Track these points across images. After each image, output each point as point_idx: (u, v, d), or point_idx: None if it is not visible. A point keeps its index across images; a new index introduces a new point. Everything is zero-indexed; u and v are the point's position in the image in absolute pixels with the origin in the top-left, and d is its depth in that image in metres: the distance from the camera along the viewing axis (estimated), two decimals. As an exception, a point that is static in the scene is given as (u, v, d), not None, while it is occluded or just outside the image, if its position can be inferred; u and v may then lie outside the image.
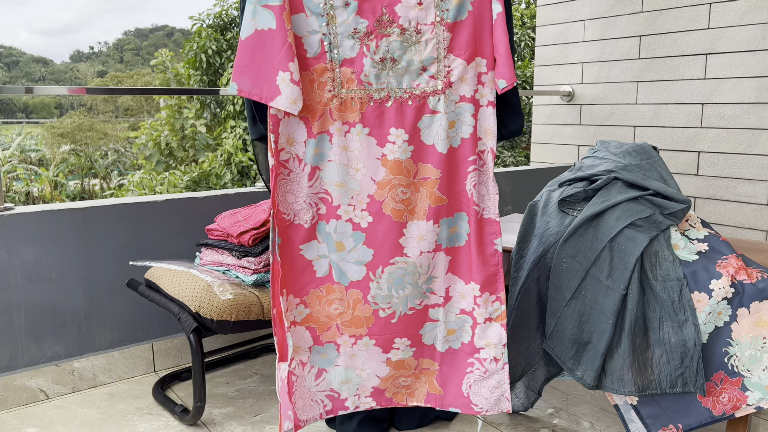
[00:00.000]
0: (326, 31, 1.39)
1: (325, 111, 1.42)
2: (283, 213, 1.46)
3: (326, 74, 1.40)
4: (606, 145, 1.90)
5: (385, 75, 1.42)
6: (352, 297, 1.51)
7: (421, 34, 1.41)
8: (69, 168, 18.48)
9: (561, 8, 3.84)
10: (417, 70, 1.43)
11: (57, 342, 2.13)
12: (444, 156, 1.46)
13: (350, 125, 1.43)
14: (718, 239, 1.58)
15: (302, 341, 1.54)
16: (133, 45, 62.31)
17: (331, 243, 1.48)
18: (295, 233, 1.48)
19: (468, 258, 1.53)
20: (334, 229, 1.47)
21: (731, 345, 1.45)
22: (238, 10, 10.88)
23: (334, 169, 1.44)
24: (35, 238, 2.06)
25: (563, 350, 1.60)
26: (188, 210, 2.35)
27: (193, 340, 1.77)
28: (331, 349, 1.55)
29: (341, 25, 1.39)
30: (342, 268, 1.49)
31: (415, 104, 1.44)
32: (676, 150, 3.33)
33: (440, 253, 1.52)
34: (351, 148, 1.44)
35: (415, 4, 1.40)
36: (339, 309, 1.52)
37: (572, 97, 3.83)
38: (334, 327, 1.54)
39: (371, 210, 1.47)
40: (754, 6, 2.97)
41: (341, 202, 1.46)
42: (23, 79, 52.72)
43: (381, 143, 1.44)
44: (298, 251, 1.49)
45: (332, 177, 1.44)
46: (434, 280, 1.54)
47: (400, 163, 1.45)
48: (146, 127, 13.21)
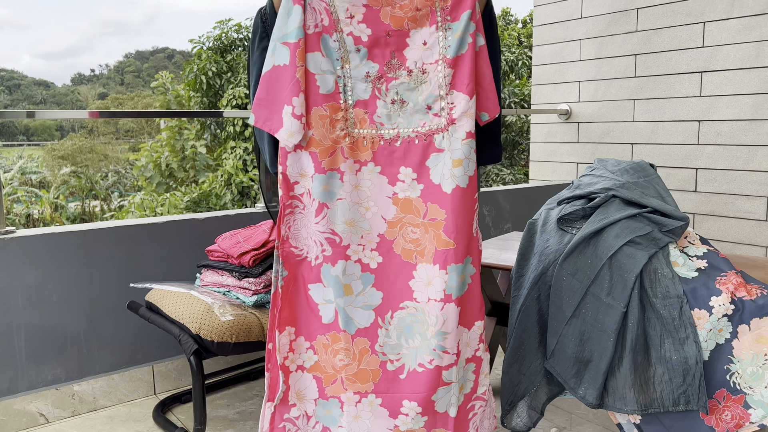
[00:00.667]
0: (341, 74, 1.42)
1: (336, 149, 1.41)
2: (293, 247, 1.44)
3: (339, 113, 1.42)
4: (603, 163, 1.92)
5: (395, 116, 1.43)
6: (358, 347, 1.43)
7: (427, 74, 1.41)
8: (69, 190, 18.51)
9: (557, 28, 3.89)
10: (423, 109, 1.42)
11: (57, 365, 2.13)
12: (449, 196, 1.40)
13: (362, 164, 1.42)
14: (717, 256, 1.58)
15: (308, 391, 1.46)
16: (134, 67, 62.81)
17: (338, 287, 1.42)
18: (306, 271, 1.44)
19: (472, 302, 1.47)
20: (343, 270, 1.42)
21: (733, 362, 1.45)
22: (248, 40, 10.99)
23: (344, 207, 1.41)
24: (36, 261, 2.07)
25: (565, 369, 1.59)
26: (189, 231, 2.36)
27: (193, 362, 1.77)
28: (335, 406, 1.46)
29: (354, 69, 1.42)
30: (349, 314, 1.42)
31: (421, 143, 1.42)
32: (674, 167, 3.35)
33: (451, 305, 1.41)
34: (362, 186, 1.43)
35: (420, 44, 1.40)
36: (344, 360, 1.43)
37: (570, 116, 3.86)
38: (339, 380, 1.45)
39: (381, 250, 1.43)
40: (747, 25, 3.00)
41: (351, 241, 1.42)
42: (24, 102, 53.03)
43: (392, 182, 1.43)
44: (306, 290, 1.45)
45: (342, 215, 1.41)
46: (446, 336, 1.41)
47: (410, 201, 1.42)
48: (147, 149, 13.27)
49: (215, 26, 13.24)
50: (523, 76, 14.80)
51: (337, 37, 1.41)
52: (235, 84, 12.58)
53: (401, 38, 1.41)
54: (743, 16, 3.02)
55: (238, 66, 12.89)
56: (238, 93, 12.20)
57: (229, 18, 13.35)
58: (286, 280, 1.44)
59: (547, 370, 1.68)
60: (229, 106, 12.22)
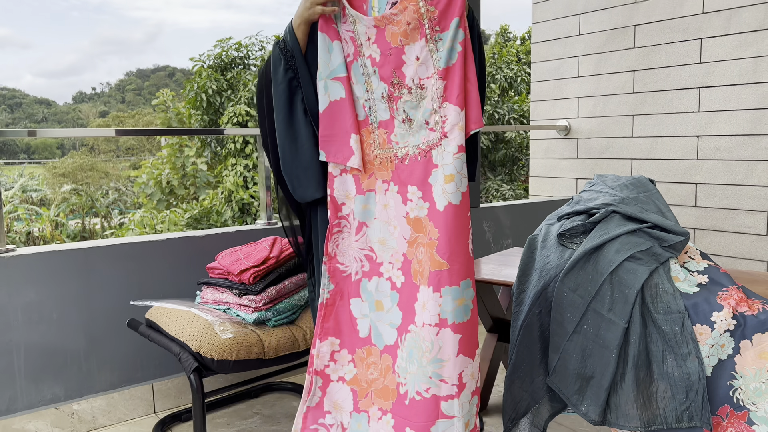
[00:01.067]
0: (367, 97, 1.46)
1: (372, 170, 1.46)
2: (339, 263, 1.49)
3: (370, 136, 1.46)
4: (603, 178, 1.92)
5: (407, 135, 1.44)
6: (384, 363, 1.44)
7: (425, 89, 1.40)
8: (70, 207, 18.53)
9: (555, 45, 3.92)
10: (423, 125, 1.42)
11: (56, 384, 2.11)
12: (441, 214, 1.36)
13: (387, 183, 1.46)
14: (718, 271, 1.58)
15: (345, 403, 1.49)
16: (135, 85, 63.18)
17: (371, 302, 1.46)
18: (348, 286, 1.49)
19: (475, 329, 1.41)
20: (376, 287, 1.46)
21: (735, 378, 1.44)
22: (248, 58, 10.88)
23: (378, 226, 1.45)
24: (36, 279, 2.06)
25: (567, 385, 1.58)
26: (189, 249, 2.36)
27: (193, 380, 1.76)
28: (364, 420, 1.46)
29: (375, 91, 1.45)
30: (379, 329, 1.45)
31: (422, 160, 1.41)
32: (674, 182, 3.35)
33: (446, 330, 1.35)
34: (390, 205, 1.45)
35: (414, 60, 1.41)
36: (374, 375, 1.45)
37: (569, 131, 3.88)
38: (369, 395, 1.46)
39: (404, 269, 1.44)
40: (743, 41, 3.03)
41: (383, 259, 1.45)
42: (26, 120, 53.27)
43: (404, 201, 1.44)
44: (348, 305, 1.49)
45: (376, 234, 1.45)
46: (442, 364, 1.35)
47: (420, 221, 1.41)
48: (147, 166, 13.31)
49: (216, 44, 13.33)
50: (522, 92, 14.88)
51: (361, 62, 1.45)
52: (236, 102, 12.65)
53: (398, 55, 1.42)
54: (739, 33, 3.04)
55: (239, 84, 12.96)
56: (238, 110, 12.26)
57: (229, 37, 13.45)
58: (332, 294, 1.49)
59: (549, 386, 1.67)
60: (229, 123, 12.28)
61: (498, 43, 16.68)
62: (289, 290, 2.04)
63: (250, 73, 13.17)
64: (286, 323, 2.00)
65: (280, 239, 2.14)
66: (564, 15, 3.85)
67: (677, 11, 3.27)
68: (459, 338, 1.36)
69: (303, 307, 2.08)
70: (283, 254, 2.05)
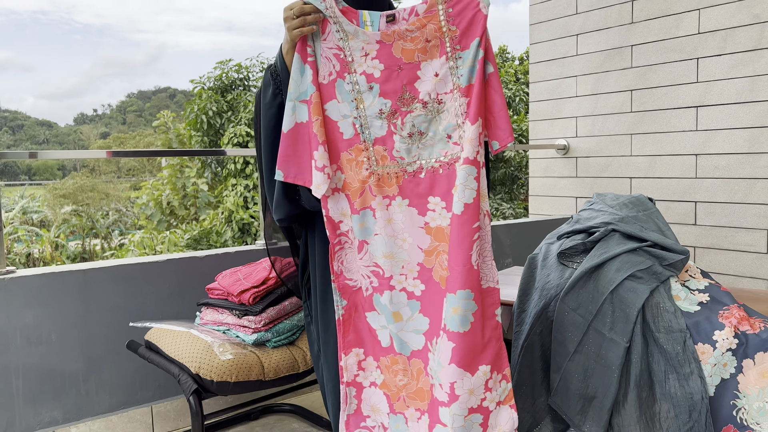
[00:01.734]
0: (356, 115, 1.45)
1: (365, 188, 1.46)
2: (347, 279, 1.50)
3: (362, 154, 1.46)
4: (602, 197, 1.93)
5: (415, 148, 1.45)
6: (415, 367, 1.46)
7: (443, 104, 1.42)
8: (70, 228, 18.53)
9: (553, 65, 3.95)
10: (443, 138, 1.43)
11: (55, 406, 2.10)
12: (448, 224, 1.41)
13: (391, 198, 1.46)
14: (718, 289, 1.58)
15: (381, 405, 1.51)
16: (136, 107, 63.58)
17: (388, 314, 1.46)
18: (361, 300, 1.50)
19: (475, 343, 1.38)
20: (390, 300, 1.46)
21: (739, 397, 1.43)
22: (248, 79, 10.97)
23: (381, 241, 1.45)
24: (36, 301, 2.06)
25: (569, 406, 1.57)
26: (189, 269, 2.36)
27: (192, 402, 1.74)
28: (401, 422, 1.48)
29: (369, 108, 1.45)
30: (402, 338, 1.46)
31: (445, 172, 1.43)
32: (673, 200, 3.36)
33: (443, 335, 1.37)
34: (395, 219, 1.46)
35: (432, 76, 1.42)
36: (404, 380, 1.47)
37: (567, 151, 3.89)
38: (402, 398, 1.49)
39: (423, 278, 1.45)
40: (740, 60, 3.05)
41: (393, 273, 1.45)
42: (27, 142, 53.52)
43: (422, 212, 1.45)
44: (365, 317, 1.50)
45: (380, 249, 1.45)
46: (441, 368, 1.38)
47: (441, 230, 1.43)
48: (148, 187, 13.35)
49: (216, 66, 13.45)
50: (520, 112, 14.98)
51: (351, 78, 1.45)
52: (236, 123, 12.72)
53: (412, 71, 1.43)
54: (736, 52, 3.07)
55: (239, 105, 13.05)
56: (239, 131, 12.33)
57: (229, 59, 13.59)
58: (346, 309, 1.50)
59: (551, 406, 1.66)
60: (230, 144, 12.34)
61: (497, 63, 16.83)
62: (289, 311, 2.03)
63: (250, 94, 13.27)
64: (286, 344, 1.99)
65: (280, 259, 2.14)
66: (561, 36, 3.89)
67: (673, 32, 3.30)
68: (452, 347, 1.35)
69: (303, 328, 2.08)
70: (282, 274, 2.05)
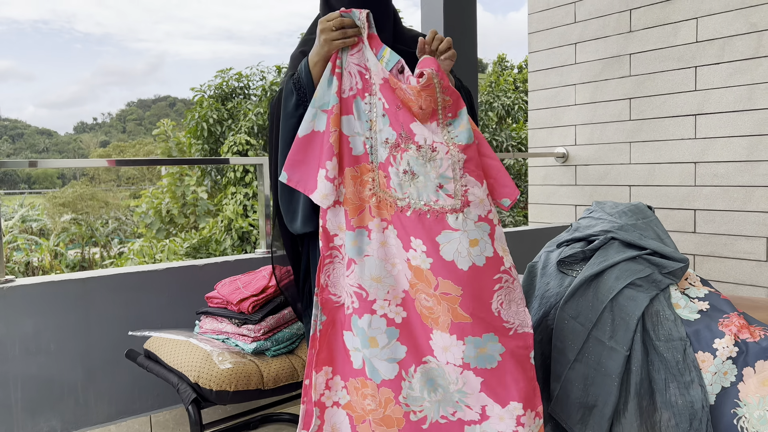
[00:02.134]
0: (369, 135, 1.47)
1: (364, 207, 1.47)
2: (332, 294, 1.50)
3: (369, 174, 1.47)
4: (601, 205, 1.93)
5: (406, 186, 1.45)
6: (383, 396, 1.45)
7: (437, 152, 1.43)
8: (70, 237, 18.52)
9: (552, 74, 3.97)
10: (434, 186, 1.44)
11: (53, 416, 2.09)
12: (466, 273, 1.41)
13: (388, 223, 1.46)
14: (718, 297, 1.58)
15: (342, 426, 1.50)
16: (136, 115, 63.71)
17: (364, 338, 1.45)
18: (341, 317, 1.49)
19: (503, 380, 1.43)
20: (368, 324, 1.45)
21: (739, 406, 1.43)
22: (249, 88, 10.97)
23: (371, 263, 1.45)
24: (35, 310, 2.05)
25: (569, 415, 1.57)
26: (188, 278, 2.36)
27: (191, 411, 1.74)
28: None
29: (379, 132, 1.47)
30: (374, 365, 1.45)
31: (433, 218, 1.43)
32: (672, 208, 3.36)
33: (469, 373, 1.42)
34: (389, 243, 1.46)
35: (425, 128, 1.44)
36: (371, 405, 1.46)
37: (567, 159, 3.90)
38: (368, 422, 1.48)
39: (406, 305, 1.45)
40: (738, 69, 3.07)
41: (377, 296, 1.45)
42: (27, 150, 53.59)
43: (406, 248, 1.45)
44: (342, 335, 1.49)
45: (369, 271, 1.45)
46: (467, 395, 1.43)
47: (421, 271, 1.43)
48: (147, 195, 13.35)
49: (216, 75, 13.49)
50: (519, 120, 15.01)
51: (369, 99, 1.47)
52: (236, 131, 12.74)
53: (410, 114, 1.44)
54: (733, 61, 3.08)
55: (239, 113, 13.08)
56: (239, 140, 12.35)
57: (230, 67, 13.62)
58: (324, 324, 1.49)
59: (551, 416, 1.66)
60: (230, 152, 12.35)
61: (495, 71, 16.88)
62: (288, 319, 2.03)
63: (250, 102, 13.30)
64: (285, 353, 1.99)
65: (279, 268, 2.14)
66: (560, 44, 3.90)
67: (671, 40, 3.32)
68: (481, 381, 1.41)
69: (302, 336, 2.07)
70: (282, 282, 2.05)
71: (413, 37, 1.64)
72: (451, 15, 3.01)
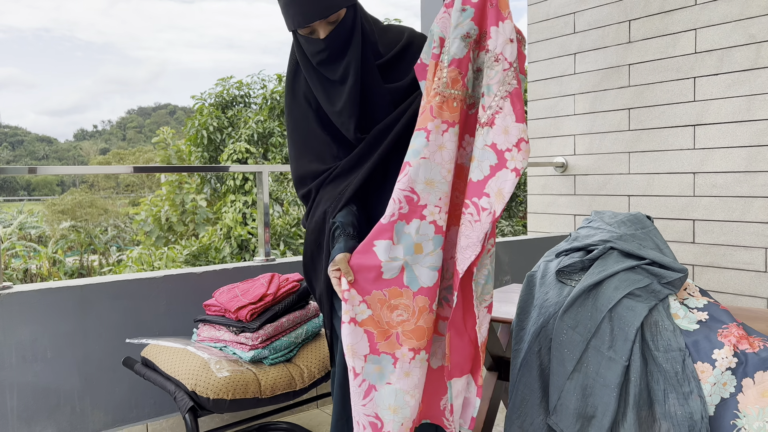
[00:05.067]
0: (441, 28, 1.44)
1: (425, 108, 1.41)
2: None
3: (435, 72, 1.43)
4: (600, 215, 1.93)
5: (476, 84, 1.43)
6: (418, 304, 1.42)
7: (499, 63, 1.38)
8: (68, 244, 18.50)
9: (551, 83, 3.98)
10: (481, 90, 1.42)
11: (49, 424, 2.08)
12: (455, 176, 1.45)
13: (449, 125, 1.41)
14: (717, 308, 1.57)
15: (359, 346, 1.43)
16: (136, 123, 63.81)
17: (409, 245, 1.41)
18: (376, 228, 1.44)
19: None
20: (416, 229, 1.41)
21: (739, 417, 1.42)
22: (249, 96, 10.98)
23: (426, 165, 1.40)
24: (32, 317, 2.05)
25: (568, 425, 1.56)
26: (187, 286, 2.35)
27: (188, 420, 1.73)
28: (386, 362, 1.43)
29: (455, 27, 1.41)
30: (415, 272, 1.42)
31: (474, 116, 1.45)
32: (671, 218, 3.36)
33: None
34: (447, 147, 1.41)
35: (507, 38, 1.39)
36: (403, 316, 1.42)
37: (566, 168, 3.91)
38: (393, 336, 1.44)
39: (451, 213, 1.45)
40: (736, 80, 3.08)
41: (428, 202, 1.40)
42: (27, 157, 53.63)
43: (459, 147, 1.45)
44: (372, 245, 1.43)
45: (422, 174, 1.40)
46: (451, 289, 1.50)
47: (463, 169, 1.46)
48: (146, 203, 13.35)
49: (217, 83, 13.53)
50: (519, 129, 15.04)
51: None
52: (236, 139, 12.76)
53: (497, 17, 1.39)
54: (732, 72, 3.10)
55: (239, 121, 13.10)
56: (238, 148, 12.36)
57: (230, 75, 13.66)
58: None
59: (550, 426, 1.65)
60: (229, 160, 12.37)
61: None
62: (286, 327, 2.02)
63: (250, 111, 13.33)
64: (283, 361, 1.98)
65: (277, 276, 2.13)
66: (559, 54, 3.92)
67: (670, 51, 3.33)
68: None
69: (300, 345, 2.06)
70: (280, 291, 2.04)
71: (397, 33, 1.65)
72: (450, 25, 3.02)
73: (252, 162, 12.38)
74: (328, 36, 1.50)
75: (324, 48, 1.51)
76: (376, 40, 1.61)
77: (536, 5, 4.08)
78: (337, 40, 1.51)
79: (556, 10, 3.94)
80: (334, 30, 1.50)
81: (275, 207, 11.91)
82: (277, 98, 13.00)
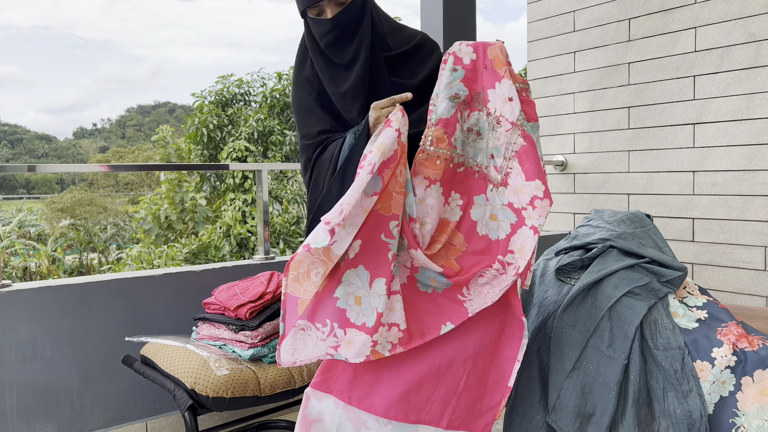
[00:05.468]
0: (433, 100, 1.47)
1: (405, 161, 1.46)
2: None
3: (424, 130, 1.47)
4: (600, 213, 1.93)
5: (466, 145, 1.46)
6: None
7: (500, 125, 1.43)
8: (68, 242, 18.50)
9: (551, 82, 3.98)
10: (488, 154, 1.46)
11: (48, 423, 2.08)
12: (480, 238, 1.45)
13: (431, 182, 1.45)
14: (717, 306, 1.58)
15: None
16: (136, 121, 63.76)
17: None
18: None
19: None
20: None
21: (738, 415, 1.42)
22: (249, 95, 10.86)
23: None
24: (31, 316, 2.05)
25: (567, 423, 1.56)
26: (186, 284, 2.35)
27: (188, 418, 1.73)
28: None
29: (445, 86, 1.44)
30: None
31: (480, 178, 1.46)
32: (671, 217, 3.36)
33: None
34: (427, 202, 1.45)
35: (506, 98, 1.43)
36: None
37: (565, 167, 3.91)
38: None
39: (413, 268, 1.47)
40: (736, 79, 3.08)
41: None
42: (26, 155, 53.59)
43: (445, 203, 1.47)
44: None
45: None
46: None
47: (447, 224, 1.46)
48: (146, 201, 13.34)
49: (217, 81, 13.52)
50: (518, 128, 15.03)
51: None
52: (236, 137, 12.76)
53: (493, 79, 1.43)
54: (732, 70, 3.09)
55: (239, 119, 13.10)
56: (238, 146, 12.36)
57: (230, 73, 13.65)
58: None
59: (549, 424, 1.65)
60: (229, 158, 12.36)
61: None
62: (285, 326, 2.02)
63: (250, 109, 13.32)
64: (282, 360, 1.98)
65: (277, 274, 2.13)
66: (559, 53, 3.92)
67: (670, 50, 3.33)
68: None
69: (300, 343, 2.06)
70: (279, 289, 2.04)
71: (410, 35, 1.65)
72: (450, 24, 3.02)
73: (251, 160, 12.38)
74: (336, 16, 1.51)
75: (331, 29, 1.52)
76: (385, 32, 1.61)
77: (536, 3, 4.08)
78: (344, 21, 1.52)
79: (555, 8, 3.93)
80: (342, 11, 1.51)
81: (275, 205, 11.92)
82: (276, 96, 12.99)
